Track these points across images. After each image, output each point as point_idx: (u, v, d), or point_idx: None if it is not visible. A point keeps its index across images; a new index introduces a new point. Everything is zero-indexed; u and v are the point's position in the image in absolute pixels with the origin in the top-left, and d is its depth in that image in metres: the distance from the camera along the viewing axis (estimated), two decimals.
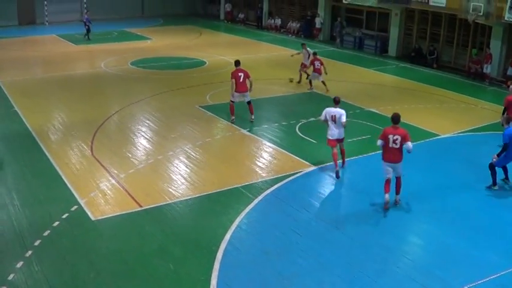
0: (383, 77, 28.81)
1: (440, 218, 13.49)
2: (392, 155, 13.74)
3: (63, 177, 15.02)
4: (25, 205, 13.40)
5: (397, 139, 13.59)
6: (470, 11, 28.89)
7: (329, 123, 15.65)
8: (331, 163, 15.89)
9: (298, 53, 27.56)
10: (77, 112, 21.36)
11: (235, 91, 19.79)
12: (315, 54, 25.69)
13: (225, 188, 14.53)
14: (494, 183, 15.09)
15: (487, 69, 29.46)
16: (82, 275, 10.49)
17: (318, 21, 42.14)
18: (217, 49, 35.92)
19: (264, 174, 15.61)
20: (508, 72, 28.69)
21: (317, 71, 24.74)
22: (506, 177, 15.43)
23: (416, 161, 16.74)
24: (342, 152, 16.23)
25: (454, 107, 24.00)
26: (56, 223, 12.41)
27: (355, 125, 20.10)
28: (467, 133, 20.33)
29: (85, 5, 47.78)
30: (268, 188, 14.59)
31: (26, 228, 12.28)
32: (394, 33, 36.47)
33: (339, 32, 39.44)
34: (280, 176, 15.45)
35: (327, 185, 15.38)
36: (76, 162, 16.16)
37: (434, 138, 19.48)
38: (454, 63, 32.99)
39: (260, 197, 14.07)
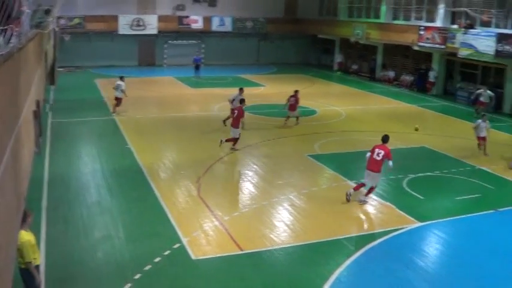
0: (497, 134, 27.95)
1: None
2: (373, 165, 16.86)
3: (168, 214, 15.44)
4: (129, 239, 13.87)
5: (380, 153, 16.77)
6: None
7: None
8: (438, 220, 15.76)
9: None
10: (187, 152, 22.01)
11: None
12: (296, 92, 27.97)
13: (327, 239, 14.43)
14: None
15: None
16: None
17: (431, 75, 41.60)
18: (329, 99, 36.12)
19: (367, 228, 15.42)
20: None
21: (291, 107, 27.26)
22: None
23: None
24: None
25: None
26: (158, 259, 12.73)
27: (464, 182, 19.54)
28: None
29: (202, 50, 49.60)
30: (370, 242, 14.36)
31: (128, 261, 12.69)
32: (509, 89, 35.38)
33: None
34: (384, 230, 15.18)
35: (432, 244, 14.94)
36: (182, 201, 16.59)
37: None
38: None
39: (362, 251, 13.85)
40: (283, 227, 15.10)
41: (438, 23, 40.30)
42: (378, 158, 16.79)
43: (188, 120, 28.73)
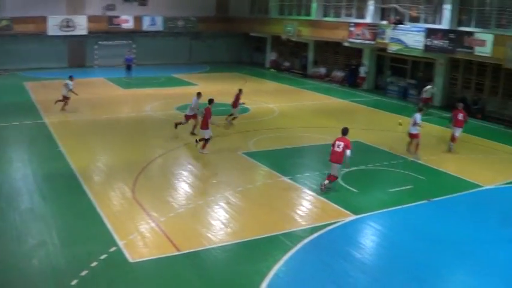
0: (427, 126, 28.54)
1: (485, 273, 13.15)
2: (334, 156, 17.71)
3: (103, 218, 15.14)
4: (64, 244, 13.54)
5: (340, 145, 17.59)
6: None
7: None
8: (373, 213, 16.14)
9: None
10: (121, 154, 21.69)
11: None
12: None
13: (264, 235, 14.43)
14: None
15: None
16: None
17: (362, 70, 42.31)
18: (262, 96, 36.19)
19: (303, 223, 15.51)
20: None
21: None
22: None
23: (458, 213, 16.62)
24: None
25: (499, 158, 23.62)
26: (94, 263, 12.47)
27: (397, 175, 19.91)
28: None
29: (134, 50, 49.07)
30: (307, 237, 14.45)
31: (64, 267, 12.38)
32: (438, 82, 36.29)
33: None
34: (320, 224, 15.30)
35: (367, 236, 15.18)
36: (117, 204, 16.32)
37: (477, 189, 19.15)
38: (499, 114, 32.58)
39: (299, 245, 13.93)
40: (219, 225, 15.04)
41: (368, 19, 40.98)
42: (339, 150, 17.58)
43: (121, 121, 28.31)
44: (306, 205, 17.01)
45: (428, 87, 33.19)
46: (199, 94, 24.75)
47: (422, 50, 34.86)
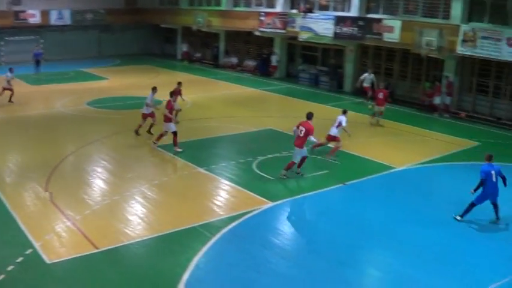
0: (338, 112, 29.08)
1: (400, 250, 13.64)
2: (297, 141, 17.95)
3: (17, 220, 14.68)
4: None
5: (302, 130, 17.79)
6: (424, 45, 29.61)
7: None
8: (289, 199, 16.54)
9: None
10: (32, 153, 21.05)
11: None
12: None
13: (183, 227, 14.40)
14: (462, 215, 15.36)
15: (437, 101, 30.20)
16: None
17: (274, 59, 42.66)
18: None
19: (221, 213, 15.56)
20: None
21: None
22: (497, 218, 15.46)
23: (373, 194, 17.08)
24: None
25: (409, 139, 24.45)
26: (10, 267, 12.10)
27: (311, 160, 20.25)
28: (423, 165, 20.67)
29: (41, 45, 47.70)
30: (225, 226, 14.51)
31: None
32: (349, 69, 37.09)
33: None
34: (237, 213, 15.39)
35: (285, 222, 15.42)
36: (31, 205, 15.88)
37: (390, 171, 19.75)
38: (408, 97, 33.62)
39: (218, 236, 13.98)
40: (137, 220, 14.89)
41: (278, 8, 41.23)
42: (301, 135, 17.89)
43: (31, 119, 27.46)
44: (223, 195, 17.08)
45: (365, 74, 32.52)
46: (154, 89, 23.59)
47: (332, 38, 35.50)
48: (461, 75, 31.34)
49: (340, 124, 21.17)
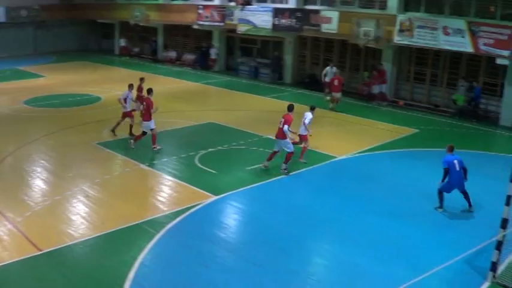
0: (280, 103, 29.27)
1: (342, 238, 13.90)
2: (278, 132, 18.21)
3: None
4: None
5: (281, 121, 18.02)
6: (361, 35, 30.06)
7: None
8: (232, 192, 16.54)
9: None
10: None
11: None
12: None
13: (126, 225, 14.27)
14: (440, 205, 15.69)
15: (375, 90, 30.74)
16: None
17: (213, 52, 42.62)
18: (113, 84, 35.44)
19: (165, 208, 15.49)
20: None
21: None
22: (469, 205, 15.76)
23: (316, 184, 17.31)
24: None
25: (350, 129, 24.82)
26: None
27: (253, 153, 20.35)
28: (364, 153, 21.02)
29: None
30: (170, 222, 14.47)
31: None
32: (288, 60, 37.33)
33: None
34: (181, 208, 15.36)
35: (229, 215, 15.46)
36: None
37: (332, 160, 20.02)
38: (348, 87, 34.06)
39: (162, 232, 13.92)
40: (80, 219, 14.68)
41: (216, 1, 41.09)
42: (280, 126, 18.07)
43: None
44: (166, 191, 17.01)
45: (327, 68, 31.40)
46: (130, 86, 22.90)
47: (270, 30, 35.68)
48: (398, 64, 31.98)
49: (304, 122, 19.82)
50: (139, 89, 24.56)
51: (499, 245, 11.66)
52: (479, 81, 28.82)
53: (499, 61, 26.23)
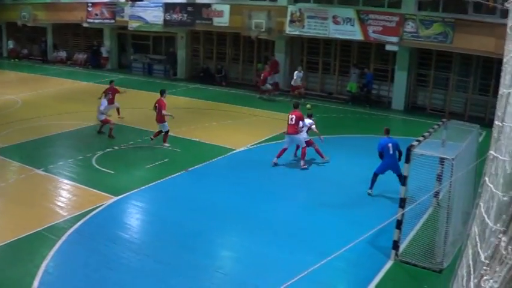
0: (175, 99, 29.20)
1: (250, 229, 14.17)
2: (289, 129, 18.87)
3: None
4: None
5: (292, 118, 18.80)
6: (253, 28, 30.45)
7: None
8: (133, 191, 16.49)
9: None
10: None
11: None
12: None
13: (26, 234, 13.84)
14: (370, 187, 16.39)
15: (269, 81, 31.24)
16: None
17: (104, 51, 42.02)
18: (4, 88, 34.21)
19: (65, 213, 15.16)
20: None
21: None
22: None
23: (216, 178, 17.47)
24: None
25: (247, 121, 25.18)
26: None
27: (153, 150, 20.28)
28: (263, 144, 21.40)
29: None
30: (71, 227, 14.19)
31: None
32: (181, 55, 37.29)
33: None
34: (82, 212, 15.09)
35: (132, 214, 15.38)
36: None
37: (231, 153, 20.28)
38: (242, 79, 34.45)
39: (64, 237, 13.62)
40: None
41: None
42: (292, 123, 18.86)
43: None
44: (64, 195, 16.68)
45: (295, 72, 30.14)
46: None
47: (162, 25, 35.54)
48: (291, 55, 32.59)
49: (304, 126, 19.22)
50: (111, 90, 24.99)
51: (399, 224, 12.30)
52: (370, 68, 29.86)
53: (388, 47, 27.32)
